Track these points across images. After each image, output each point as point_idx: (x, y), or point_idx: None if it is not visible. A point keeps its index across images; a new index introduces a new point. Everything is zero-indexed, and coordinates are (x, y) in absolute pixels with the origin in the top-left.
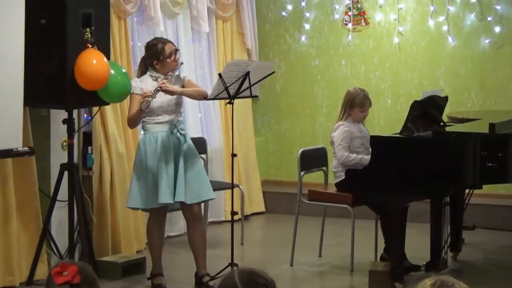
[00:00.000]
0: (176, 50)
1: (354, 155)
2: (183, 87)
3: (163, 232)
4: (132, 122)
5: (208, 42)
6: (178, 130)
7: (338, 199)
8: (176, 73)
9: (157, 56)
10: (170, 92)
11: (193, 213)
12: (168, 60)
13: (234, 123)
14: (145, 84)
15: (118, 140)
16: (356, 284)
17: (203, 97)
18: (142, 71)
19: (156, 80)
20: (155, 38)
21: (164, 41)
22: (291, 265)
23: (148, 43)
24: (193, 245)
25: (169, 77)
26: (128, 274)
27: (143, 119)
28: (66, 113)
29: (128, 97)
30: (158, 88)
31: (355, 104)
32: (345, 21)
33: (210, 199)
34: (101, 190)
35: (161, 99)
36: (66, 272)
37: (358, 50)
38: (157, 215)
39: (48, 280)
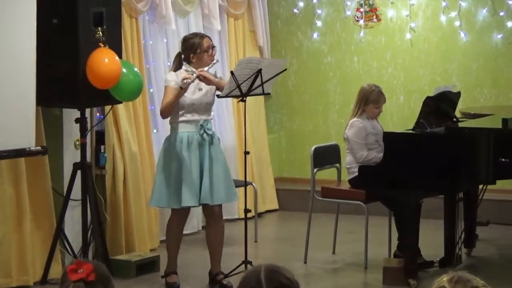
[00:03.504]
0: (213, 46)
1: (374, 154)
2: None
3: (182, 231)
4: (167, 109)
5: (220, 40)
6: (205, 130)
7: (351, 196)
8: (212, 72)
9: (194, 49)
10: (208, 80)
11: (214, 213)
12: (205, 54)
13: (246, 120)
14: (180, 78)
15: (131, 138)
16: (370, 281)
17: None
18: (176, 66)
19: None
20: (193, 33)
21: (202, 36)
22: (305, 262)
23: (185, 36)
24: (211, 244)
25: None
26: (142, 273)
27: (170, 118)
28: (79, 112)
29: (141, 96)
30: (197, 74)
31: (370, 101)
32: (357, 17)
33: (233, 202)
34: (114, 188)
35: (194, 96)
36: (81, 270)
37: (370, 47)
38: (179, 215)
39: (63, 277)
